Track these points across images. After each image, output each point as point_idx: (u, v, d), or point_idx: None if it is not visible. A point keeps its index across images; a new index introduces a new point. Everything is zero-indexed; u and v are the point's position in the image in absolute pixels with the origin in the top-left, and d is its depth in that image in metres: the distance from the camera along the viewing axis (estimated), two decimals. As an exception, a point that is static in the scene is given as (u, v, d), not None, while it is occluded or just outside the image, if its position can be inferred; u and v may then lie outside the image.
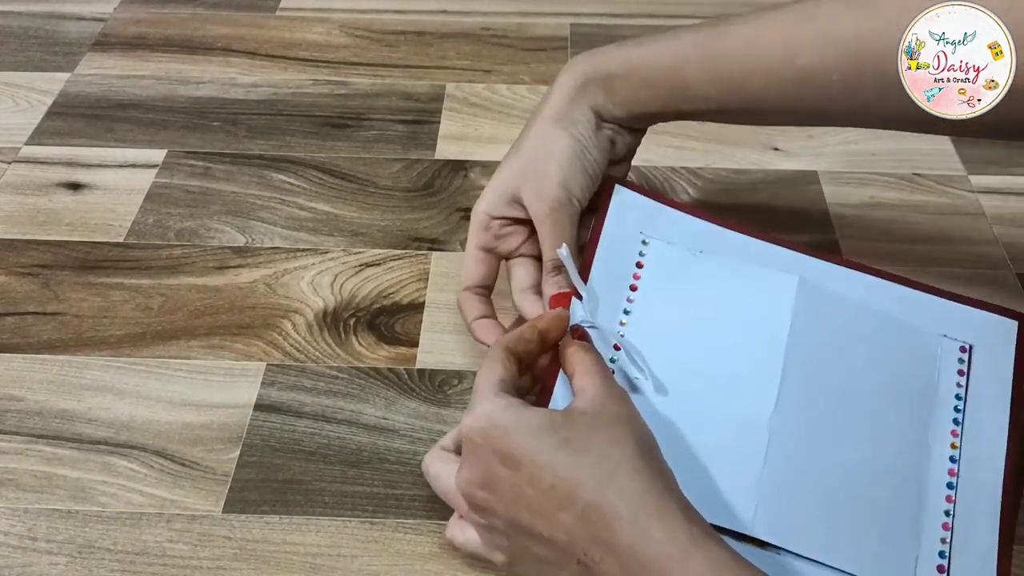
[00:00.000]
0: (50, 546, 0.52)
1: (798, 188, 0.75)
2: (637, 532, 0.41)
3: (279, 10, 0.96)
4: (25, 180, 0.76)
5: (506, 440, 0.44)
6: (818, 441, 0.51)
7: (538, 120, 0.57)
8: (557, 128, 0.56)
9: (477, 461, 0.45)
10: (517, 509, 0.44)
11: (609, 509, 0.41)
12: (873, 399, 0.52)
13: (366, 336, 0.64)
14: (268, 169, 0.77)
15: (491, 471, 0.44)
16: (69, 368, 0.62)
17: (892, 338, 0.55)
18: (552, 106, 0.57)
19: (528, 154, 0.56)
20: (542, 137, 0.56)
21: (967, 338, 0.55)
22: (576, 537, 0.42)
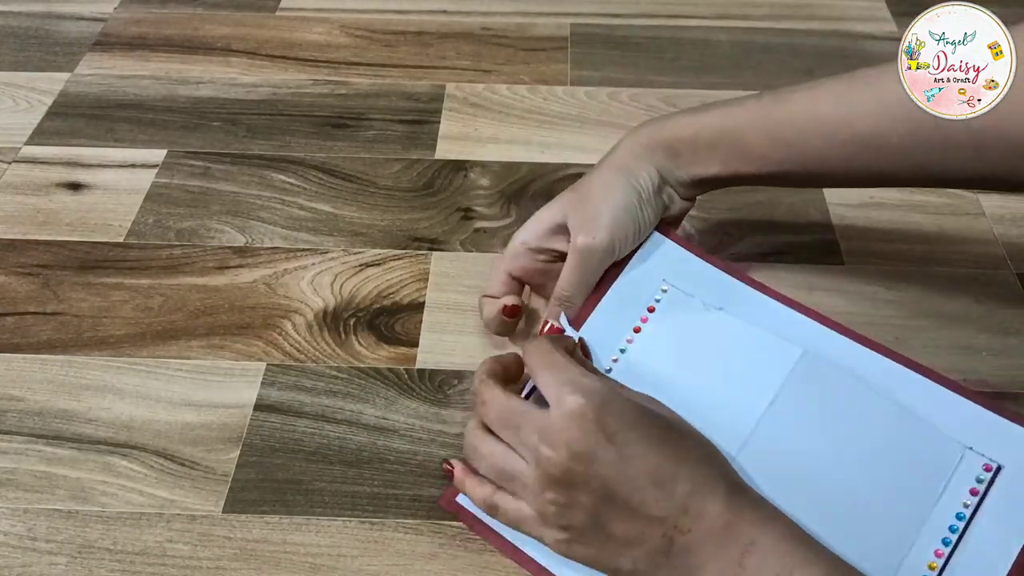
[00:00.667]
0: (50, 546, 0.52)
1: (799, 188, 0.75)
2: (730, 504, 0.45)
3: (279, 10, 0.96)
4: (25, 180, 0.76)
5: (619, 418, 0.46)
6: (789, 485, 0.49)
7: (603, 167, 0.58)
8: (620, 177, 0.57)
9: (581, 435, 0.45)
10: (616, 483, 0.45)
11: (709, 485, 0.45)
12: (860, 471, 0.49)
13: (366, 336, 0.64)
14: (268, 169, 0.77)
15: (596, 445, 0.45)
16: (69, 368, 0.62)
17: (898, 427, 0.50)
18: (617, 159, 0.58)
19: (585, 192, 0.57)
20: (603, 181, 0.57)
21: (997, 456, 0.48)
22: (671, 511, 0.44)
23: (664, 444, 0.46)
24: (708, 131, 0.57)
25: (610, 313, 0.56)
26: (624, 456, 0.45)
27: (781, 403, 0.52)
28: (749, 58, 0.89)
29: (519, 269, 0.59)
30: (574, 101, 0.84)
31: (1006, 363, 0.62)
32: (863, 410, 0.51)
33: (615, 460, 0.45)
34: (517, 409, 0.48)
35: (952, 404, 0.50)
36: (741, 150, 0.57)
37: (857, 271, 0.68)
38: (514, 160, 0.78)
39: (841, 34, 0.92)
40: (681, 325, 0.56)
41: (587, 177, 0.59)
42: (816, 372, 0.52)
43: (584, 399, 0.46)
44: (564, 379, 0.47)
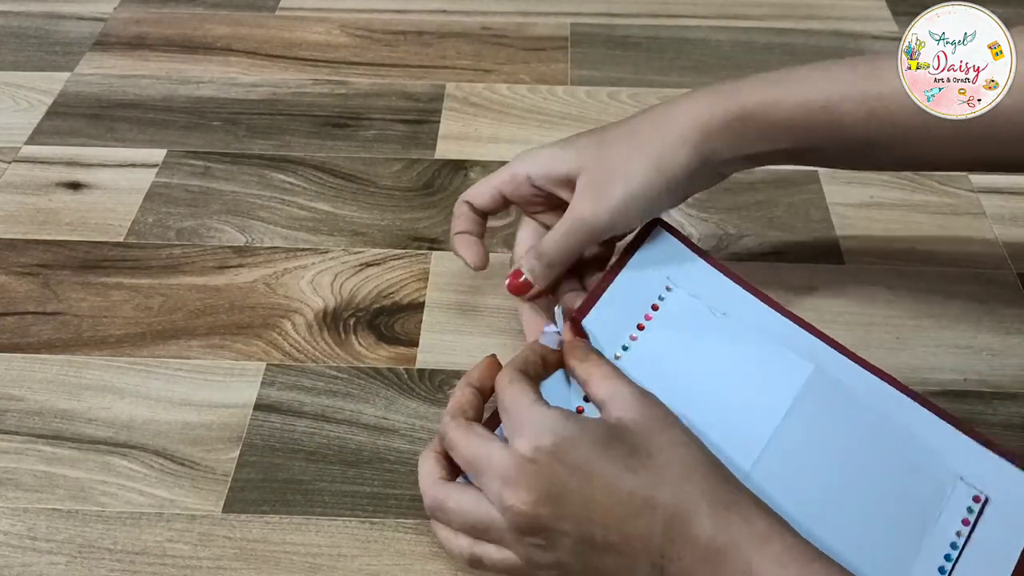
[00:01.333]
0: (50, 546, 0.52)
1: (798, 188, 0.75)
2: (717, 524, 0.41)
3: (279, 10, 0.96)
4: (25, 180, 0.76)
5: (575, 453, 0.43)
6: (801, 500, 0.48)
7: (640, 136, 0.53)
8: (651, 161, 0.52)
9: (540, 478, 0.43)
10: (589, 522, 0.42)
11: (691, 506, 0.42)
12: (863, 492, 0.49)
13: (366, 336, 0.64)
14: (268, 169, 0.77)
15: (558, 486, 0.43)
16: (69, 368, 0.62)
17: (902, 450, 0.51)
18: (660, 136, 0.52)
19: (607, 159, 0.52)
20: (631, 157, 0.52)
21: (986, 489, 0.49)
22: (654, 540, 0.42)
23: (632, 470, 0.42)
24: (788, 105, 0.51)
25: (611, 308, 0.54)
26: (590, 491, 0.42)
27: (794, 418, 0.50)
28: (749, 58, 0.89)
29: (515, 196, 0.56)
30: (574, 101, 0.84)
31: (1006, 363, 0.62)
32: (867, 433, 0.51)
33: (580, 500, 0.42)
34: (479, 454, 0.45)
35: (944, 433, 0.51)
36: (830, 125, 0.51)
37: (857, 271, 0.68)
38: (514, 160, 0.78)
39: (841, 34, 0.92)
40: (687, 328, 0.54)
41: (618, 133, 0.53)
42: (825, 390, 0.51)
43: (534, 441, 0.43)
44: (516, 421, 0.45)
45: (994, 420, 0.58)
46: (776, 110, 0.52)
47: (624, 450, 0.43)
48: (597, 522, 0.42)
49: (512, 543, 0.44)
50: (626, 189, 0.52)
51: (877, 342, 0.63)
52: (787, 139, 0.53)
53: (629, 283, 0.55)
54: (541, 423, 0.44)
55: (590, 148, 0.54)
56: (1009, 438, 0.57)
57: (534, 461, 0.43)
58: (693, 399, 0.50)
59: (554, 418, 0.44)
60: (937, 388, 0.61)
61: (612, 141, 0.53)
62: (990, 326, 0.64)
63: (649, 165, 0.52)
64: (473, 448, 0.45)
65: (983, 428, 0.58)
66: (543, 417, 0.44)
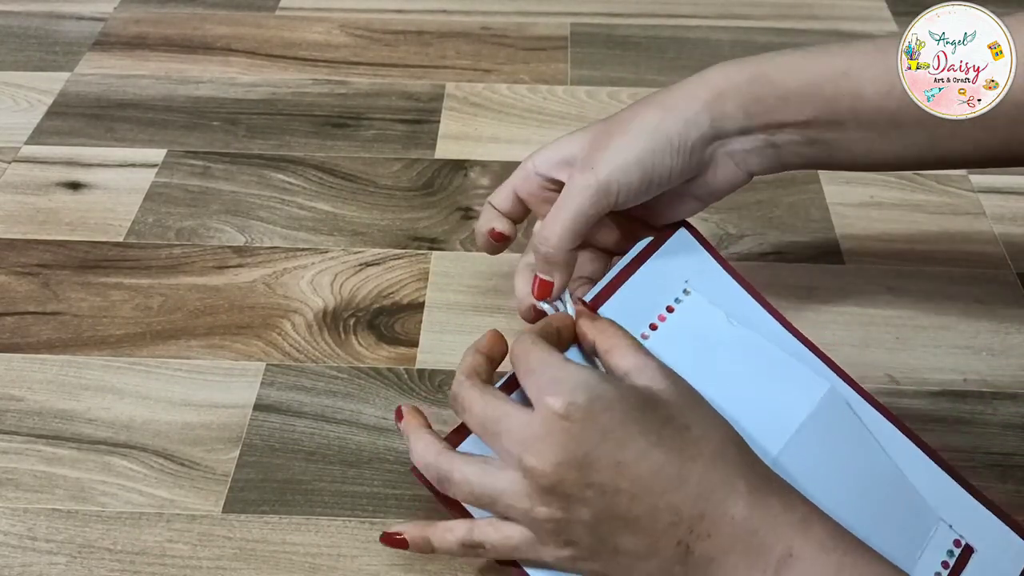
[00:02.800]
0: (50, 546, 0.52)
1: (798, 188, 0.75)
2: (755, 502, 0.40)
3: (279, 10, 0.96)
4: (25, 180, 0.76)
5: (609, 415, 0.40)
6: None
7: (647, 100, 0.51)
8: (655, 116, 0.49)
9: (570, 439, 0.40)
10: (616, 491, 0.40)
11: (725, 482, 0.40)
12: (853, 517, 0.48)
13: (366, 336, 0.64)
14: (268, 169, 0.77)
15: (588, 448, 0.40)
16: (69, 368, 0.62)
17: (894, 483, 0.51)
18: (668, 95, 0.50)
19: (610, 126, 0.50)
20: (635, 116, 0.49)
21: (968, 536, 0.50)
22: (683, 516, 0.40)
23: (668, 439, 0.40)
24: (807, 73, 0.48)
25: (626, 303, 0.52)
26: (620, 459, 0.40)
27: (805, 434, 0.49)
28: (749, 58, 0.89)
29: (525, 192, 0.54)
30: (574, 101, 0.84)
31: (1006, 363, 0.62)
32: (865, 461, 0.50)
33: (611, 464, 0.40)
34: (497, 415, 0.42)
35: (934, 476, 0.51)
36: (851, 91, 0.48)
37: (857, 271, 0.68)
38: (514, 160, 0.78)
39: (841, 34, 0.92)
40: (703, 333, 0.52)
41: (626, 108, 0.51)
42: (837, 412, 0.51)
43: (567, 397, 0.40)
44: (545, 379, 0.42)
45: (994, 420, 0.58)
46: (795, 74, 0.49)
47: (659, 419, 0.41)
48: (625, 491, 0.40)
49: (523, 514, 0.42)
50: (627, 148, 0.48)
51: (877, 342, 0.63)
52: (808, 107, 0.49)
53: (647, 280, 0.53)
54: (575, 379, 0.41)
55: (597, 125, 0.51)
56: (1009, 438, 0.57)
57: (567, 418, 0.40)
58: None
59: (589, 375, 0.42)
60: (937, 388, 0.61)
61: (619, 115, 0.51)
62: (990, 326, 0.64)
63: (652, 116, 0.49)
64: (491, 408, 0.43)
65: (983, 428, 0.58)
66: (577, 374, 0.42)
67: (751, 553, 0.39)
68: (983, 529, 0.50)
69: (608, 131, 0.50)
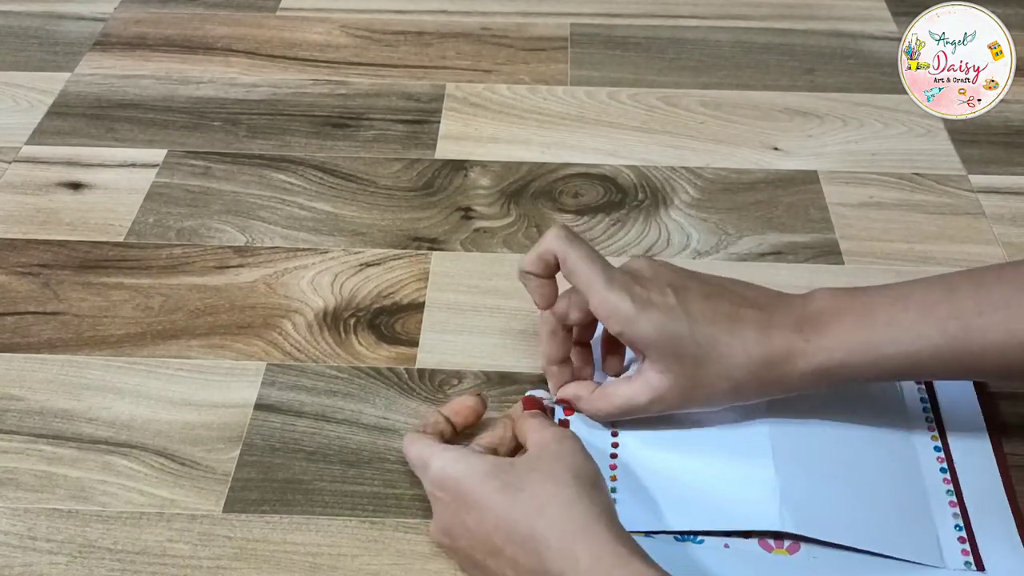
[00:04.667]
0: (50, 545, 0.52)
1: (798, 188, 0.75)
2: (565, 558, 0.44)
3: (279, 10, 0.96)
4: (25, 180, 0.76)
5: (458, 488, 0.48)
6: (814, 445, 0.54)
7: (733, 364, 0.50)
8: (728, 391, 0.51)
9: (441, 510, 0.49)
10: (473, 550, 0.48)
11: (541, 541, 0.44)
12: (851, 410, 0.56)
13: (366, 336, 0.64)
14: (268, 169, 0.77)
15: (453, 518, 0.48)
16: (69, 368, 0.62)
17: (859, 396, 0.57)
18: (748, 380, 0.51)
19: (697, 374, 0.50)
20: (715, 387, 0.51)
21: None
22: (520, 568, 0.45)
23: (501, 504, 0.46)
24: (878, 357, 0.49)
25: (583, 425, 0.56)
26: (469, 523, 0.47)
27: (784, 468, 0.52)
28: (749, 58, 0.89)
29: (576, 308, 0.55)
30: (574, 101, 0.84)
31: (1006, 363, 0.62)
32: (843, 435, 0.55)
33: (463, 529, 0.48)
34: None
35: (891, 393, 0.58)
36: (914, 375, 0.52)
37: (857, 271, 0.68)
38: (514, 160, 0.78)
39: (841, 34, 0.92)
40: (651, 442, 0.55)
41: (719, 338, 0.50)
42: (790, 434, 0.54)
43: (428, 477, 0.50)
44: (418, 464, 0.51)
45: (994, 420, 0.58)
46: (866, 359, 0.50)
47: (497, 485, 0.47)
48: (477, 549, 0.47)
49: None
50: (702, 402, 0.52)
51: (877, 342, 0.63)
52: (869, 376, 0.51)
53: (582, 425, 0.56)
54: (436, 461, 0.49)
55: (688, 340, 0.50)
56: (1009, 438, 0.57)
57: (432, 496, 0.50)
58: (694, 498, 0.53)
59: (445, 458, 0.49)
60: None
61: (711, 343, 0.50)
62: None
63: (726, 399, 0.52)
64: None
65: (983, 428, 0.58)
66: (436, 456, 0.50)
67: None
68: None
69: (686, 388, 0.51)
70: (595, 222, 0.72)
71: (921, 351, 0.49)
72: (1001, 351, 0.48)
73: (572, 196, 0.75)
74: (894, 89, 0.83)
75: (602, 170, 0.77)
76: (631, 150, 0.79)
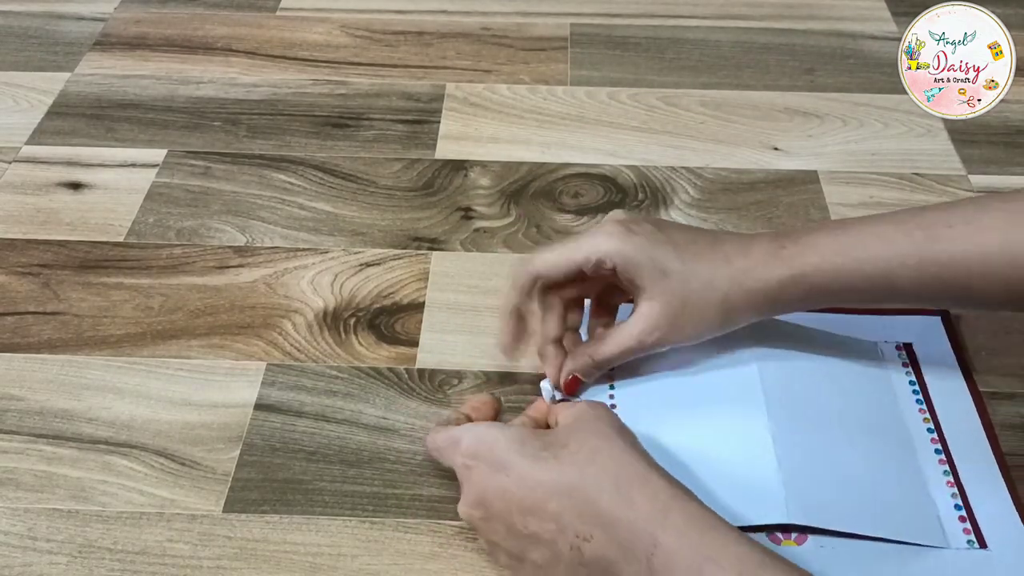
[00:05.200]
0: (50, 545, 0.52)
1: (798, 188, 0.75)
2: (620, 500, 0.44)
3: (279, 10, 0.96)
4: (25, 180, 0.76)
5: (494, 451, 0.47)
6: (814, 437, 0.55)
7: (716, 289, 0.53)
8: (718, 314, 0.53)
9: (471, 482, 0.48)
10: (509, 513, 0.46)
11: (593, 486, 0.44)
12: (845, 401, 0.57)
13: (366, 336, 0.64)
14: (268, 169, 0.77)
15: (484, 485, 0.47)
16: (69, 368, 0.62)
17: (840, 355, 0.60)
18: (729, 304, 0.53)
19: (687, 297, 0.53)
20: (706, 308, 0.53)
21: (901, 338, 0.62)
22: (566, 522, 0.44)
23: (544, 459, 0.46)
24: (849, 273, 0.52)
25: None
26: (506, 484, 0.46)
27: (786, 460, 0.53)
28: (749, 58, 0.89)
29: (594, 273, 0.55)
30: (574, 101, 0.84)
31: (1006, 363, 0.62)
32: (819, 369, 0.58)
33: (500, 493, 0.46)
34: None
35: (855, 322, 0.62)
36: (886, 290, 0.53)
37: (857, 271, 0.68)
38: (514, 160, 0.78)
39: (841, 34, 0.92)
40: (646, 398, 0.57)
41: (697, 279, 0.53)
42: (790, 427, 0.55)
43: (462, 446, 0.49)
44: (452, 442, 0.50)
45: (994, 420, 0.58)
46: (839, 280, 0.52)
47: (538, 445, 0.47)
48: (516, 512, 0.46)
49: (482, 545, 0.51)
50: (693, 334, 0.54)
51: (877, 342, 0.63)
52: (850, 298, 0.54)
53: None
54: (470, 433, 0.49)
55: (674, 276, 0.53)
56: (1009, 438, 0.57)
57: (466, 466, 0.49)
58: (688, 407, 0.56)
59: (476, 427, 0.50)
60: (937, 388, 0.61)
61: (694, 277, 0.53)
62: (990, 326, 0.64)
63: (717, 321, 0.54)
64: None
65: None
66: (471, 428, 0.50)
67: (624, 549, 0.43)
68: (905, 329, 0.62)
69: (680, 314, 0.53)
70: (595, 222, 0.72)
71: (891, 259, 0.51)
72: (965, 259, 0.50)
73: (572, 196, 0.75)
74: (894, 89, 0.83)
75: (602, 170, 0.77)
76: (631, 150, 0.79)
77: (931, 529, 0.52)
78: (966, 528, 0.52)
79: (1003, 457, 0.55)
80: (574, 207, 0.74)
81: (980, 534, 0.52)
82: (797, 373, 0.58)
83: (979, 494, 0.53)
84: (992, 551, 0.51)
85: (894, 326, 0.62)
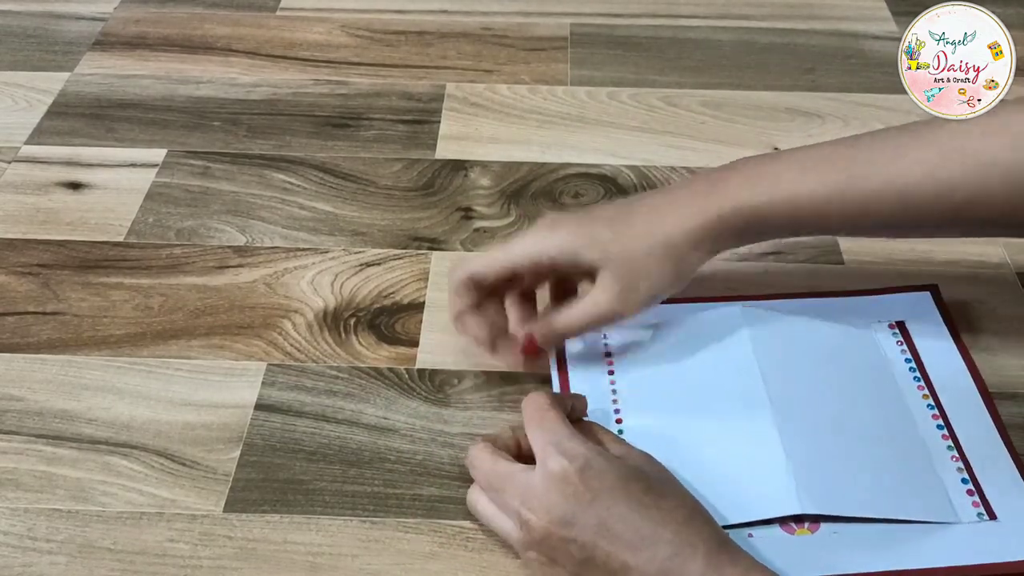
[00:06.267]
0: (50, 546, 0.52)
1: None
2: (710, 562, 0.45)
3: (279, 10, 0.96)
4: (25, 179, 0.76)
5: (600, 480, 0.47)
6: (818, 425, 0.55)
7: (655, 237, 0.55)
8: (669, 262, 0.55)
9: (562, 499, 0.47)
10: (594, 547, 0.46)
11: (689, 544, 0.46)
12: (845, 387, 0.58)
13: (366, 336, 0.64)
14: (268, 169, 0.77)
15: (577, 508, 0.47)
16: (69, 368, 0.62)
17: (836, 342, 0.61)
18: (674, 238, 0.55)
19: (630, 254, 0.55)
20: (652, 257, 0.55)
21: (893, 317, 0.63)
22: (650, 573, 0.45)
23: (645, 507, 0.46)
24: (787, 209, 0.54)
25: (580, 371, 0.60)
26: (604, 519, 0.46)
27: (793, 451, 0.53)
28: (750, 58, 0.89)
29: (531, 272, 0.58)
30: (574, 101, 0.84)
31: (1006, 363, 0.62)
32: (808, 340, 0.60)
33: (595, 524, 0.46)
34: (501, 472, 0.50)
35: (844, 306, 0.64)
36: (819, 224, 0.56)
37: (857, 271, 0.68)
38: (514, 160, 0.78)
39: (841, 34, 0.92)
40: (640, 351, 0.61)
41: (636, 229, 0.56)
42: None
43: (567, 462, 0.47)
44: (551, 439, 0.49)
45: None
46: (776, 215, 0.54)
47: (641, 488, 0.47)
48: (602, 547, 0.46)
49: (521, 554, 0.49)
50: (649, 292, 0.56)
51: (877, 342, 0.63)
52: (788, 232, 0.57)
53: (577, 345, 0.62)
54: (576, 450, 0.48)
55: (612, 243, 0.55)
56: (1013, 438, 0.57)
57: (564, 480, 0.47)
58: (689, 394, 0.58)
59: (588, 448, 0.48)
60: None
61: (631, 237, 0.55)
62: (990, 326, 0.64)
63: (668, 269, 0.55)
64: (498, 467, 0.50)
65: (983, 428, 0.58)
66: (579, 445, 0.48)
67: None
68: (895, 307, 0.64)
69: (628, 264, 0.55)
70: (595, 222, 0.72)
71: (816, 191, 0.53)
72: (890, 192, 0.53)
73: (572, 196, 0.75)
74: (895, 89, 0.82)
75: (602, 170, 0.77)
76: (631, 150, 0.79)
77: (941, 506, 0.52)
78: (975, 501, 0.52)
79: (1004, 427, 0.56)
80: (574, 207, 0.74)
81: (988, 506, 0.52)
82: (796, 363, 0.58)
83: (984, 466, 0.54)
84: (1002, 521, 0.51)
85: (885, 305, 0.64)
